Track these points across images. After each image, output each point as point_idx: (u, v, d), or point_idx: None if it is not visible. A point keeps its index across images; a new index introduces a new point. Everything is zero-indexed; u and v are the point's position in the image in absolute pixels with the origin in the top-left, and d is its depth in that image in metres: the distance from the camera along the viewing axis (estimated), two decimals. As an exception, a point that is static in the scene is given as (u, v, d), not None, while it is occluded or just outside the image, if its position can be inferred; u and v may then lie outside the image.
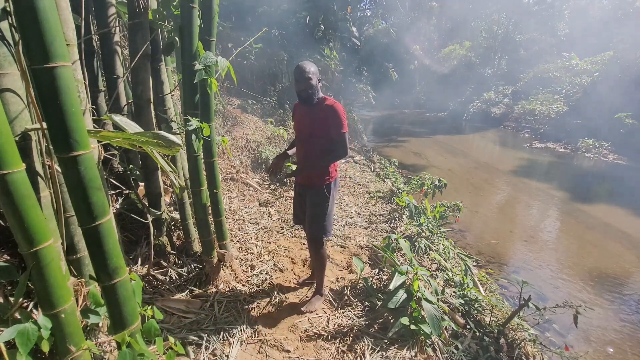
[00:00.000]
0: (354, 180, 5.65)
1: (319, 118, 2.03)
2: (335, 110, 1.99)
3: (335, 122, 1.99)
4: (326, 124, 2.01)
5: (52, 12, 0.88)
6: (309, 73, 1.97)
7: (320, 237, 2.17)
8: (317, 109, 2.05)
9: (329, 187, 2.14)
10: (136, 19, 1.95)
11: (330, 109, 2.00)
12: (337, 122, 1.99)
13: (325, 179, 2.13)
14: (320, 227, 2.15)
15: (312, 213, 2.16)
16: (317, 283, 2.36)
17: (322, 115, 2.02)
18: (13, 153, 0.91)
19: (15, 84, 1.16)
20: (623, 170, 9.25)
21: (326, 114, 2.01)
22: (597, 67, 14.02)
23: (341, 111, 2.01)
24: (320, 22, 8.62)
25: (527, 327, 2.54)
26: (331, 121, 2.00)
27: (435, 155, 10.26)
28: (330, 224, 2.20)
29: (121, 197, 2.33)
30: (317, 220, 2.15)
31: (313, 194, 2.15)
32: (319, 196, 2.14)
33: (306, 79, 1.97)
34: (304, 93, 2.00)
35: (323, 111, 2.02)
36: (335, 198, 2.28)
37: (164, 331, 1.93)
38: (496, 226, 5.32)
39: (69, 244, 1.44)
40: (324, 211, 2.14)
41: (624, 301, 3.58)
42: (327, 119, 2.01)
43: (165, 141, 1.26)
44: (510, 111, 16.27)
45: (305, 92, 2.00)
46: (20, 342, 1.00)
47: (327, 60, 8.79)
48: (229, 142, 5.09)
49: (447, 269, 3.05)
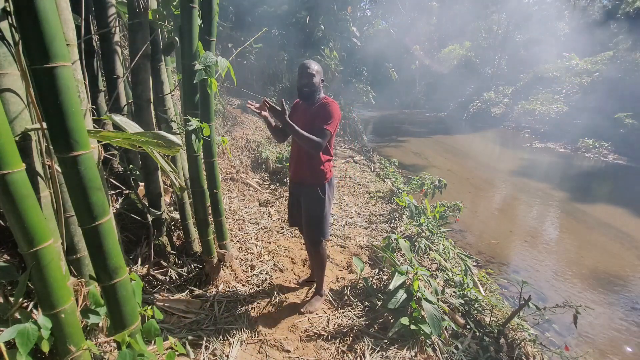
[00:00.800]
0: (354, 180, 5.65)
1: (316, 116, 2.01)
2: (327, 105, 1.97)
3: (324, 114, 1.95)
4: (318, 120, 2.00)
5: (52, 12, 0.88)
6: (313, 70, 1.98)
7: (319, 240, 2.15)
8: (315, 108, 2.04)
9: (323, 188, 2.08)
10: (136, 19, 1.95)
11: (325, 104, 1.99)
12: (325, 115, 1.94)
13: (320, 179, 2.07)
14: (318, 230, 2.12)
15: (309, 216, 2.12)
16: (317, 283, 2.36)
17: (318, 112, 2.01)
18: (13, 153, 0.91)
19: (15, 84, 1.16)
20: (623, 170, 9.25)
21: (319, 109, 1.99)
22: (597, 67, 14.03)
23: (334, 109, 1.96)
24: (320, 22, 8.62)
25: (527, 327, 2.54)
26: (321, 114, 1.96)
27: (435, 155, 10.26)
28: (328, 226, 2.17)
29: (121, 197, 2.33)
30: (314, 224, 2.11)
31: (307, 195, 2.10)
32: (314, 197, 2.08)
33: (309, 74, 1.98)
34: (305, 89, 2.01)
35: (320, 109, 2.01)
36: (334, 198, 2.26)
37: (164, 331, 1.93)
38: (496, 226, 5.32)
39: (69, 244, 1.44)
40: (320, 214, 2.09)
41: (624, 301, 3.58)
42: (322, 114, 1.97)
43: (165, 141, 1.25)
44: (510, 111, 16.28)
45: (307, 88, 2.00)
46: (20, 342, 1.00)
47: (327, 60, 8.79)
48: (229, 142, 5.09)
49: (447, 269, 3.05)
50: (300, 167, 2.10)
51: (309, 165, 2.06)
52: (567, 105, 13.67)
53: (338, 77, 10.20)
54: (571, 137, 11.82)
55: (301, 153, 2.07)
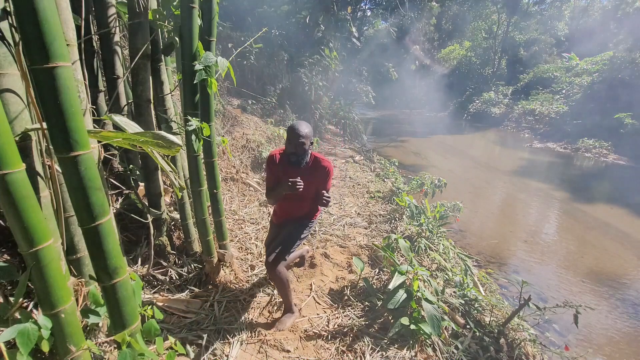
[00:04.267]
0: (354, 180, 5.65)
1: (315, 180, 2.02)
2: (326, 169, 2.03)
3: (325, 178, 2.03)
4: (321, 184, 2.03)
5: (52, 12, 0.88)
6: (303, 137, 1.89)
7: (282, 259, 2.04)
8: (311, 170, 2.04)
9: (312, 222, 2.23)
10: (136, 19, 1.94)
11: (323, 168, 2.03)
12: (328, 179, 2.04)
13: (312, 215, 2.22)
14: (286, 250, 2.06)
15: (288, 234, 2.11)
16: (284, 303, 2.18)
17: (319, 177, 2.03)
18: (13, 153, 0.91)
19: (15, 84, 1.16)
20: (623, 170, 9.25)
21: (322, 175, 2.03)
22: (597, 67, 14.04)
23: (331, 169, 2.06)
24: (320, 22, 8.61)
25: (527, 327, 2.54)
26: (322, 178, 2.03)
27: (435, 155, 10.26)
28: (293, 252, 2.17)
29: (121, 197, 2.33)
30: (287, 242, 2.08)
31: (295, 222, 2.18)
32: (301, 224, 2.18)
33: (299, 144, 1.90)
34: (293, 157, 1.95)
35: (319, 173, 2.03)
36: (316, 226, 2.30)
37: (164, 331, 1.93)
38: (496, 226, 5.33)
39: (69, 244, 1.44)
40: (296, 237, 2.11)
41: (624, 301, 3.58)
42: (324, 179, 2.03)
43: (165, 141, 1.25)
44: (510, 111, 16.29)
45: (296, 154, 1.95)
46: (20, 342, 1.00)
47: (327, 60, 8.79)
48: (229, 142, 5.09)
49: (447, 269, 3.05)
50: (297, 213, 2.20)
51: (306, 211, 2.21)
52: (567, 105, 13.68)
53: (338, 77, 10.20)
54: (571, 137, 11.83)
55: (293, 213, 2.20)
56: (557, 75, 16.02)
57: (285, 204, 2.20)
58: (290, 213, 2.22)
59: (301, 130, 1.89)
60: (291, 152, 1.94)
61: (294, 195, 2.06)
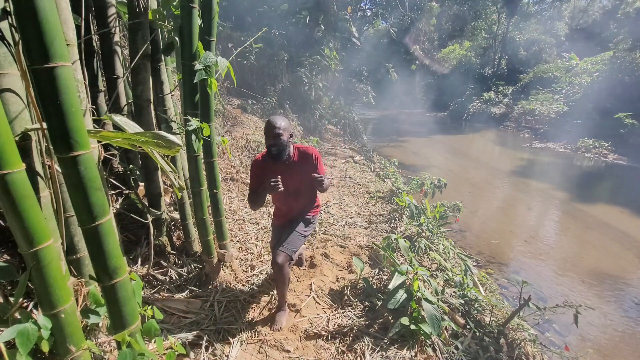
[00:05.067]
0: (354, 180, 5.65)
1: (306, 170, 2.03)
2: (312, 157, 2.06)
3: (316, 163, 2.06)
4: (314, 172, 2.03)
5: (52, 12, 0.88)
6: (279, 129, 1.90)
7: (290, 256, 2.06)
8: (299, 163, 2.06)
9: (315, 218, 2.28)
10: (136, 19, 1.94)
11: (308, 155, 2.06)
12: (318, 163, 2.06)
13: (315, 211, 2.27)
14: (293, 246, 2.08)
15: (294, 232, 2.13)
16: (279, 300, 2.19)
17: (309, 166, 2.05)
18: (13, 153, 0.91)
19: (15, 84, 1.16)
20: (623, 170, 9.25)
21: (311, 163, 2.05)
22: (597, 67, 14.05)
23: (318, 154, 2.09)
24: (320, 22, 8.62)
25: (527, 327, 2.54)
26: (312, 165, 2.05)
27: (435, 155, 10.26)
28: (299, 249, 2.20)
29: (121, 197, 2.33)
30: (294, 240, 2.10)
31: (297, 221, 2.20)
32: (306, 219, 2.22)
33: (276, 134, 1.90)
34: (274, 149, 1.95)
35: (308, 162, 2.05)
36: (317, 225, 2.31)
37: (164, 331, 1.93)
38: (496, 226, 5.32)
39: (69, 244, 1.44)
40: (304, 233, 2.17)
41: (624, 301, 3.58)
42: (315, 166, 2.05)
43: (165, 141, 1.25)
44: (510, 111, 16.30)
45: (275, 147, 1.94)
46: (20, 342, 1.00)
47: (327, 60, 8.79)
48: (229, 142, 5.09)
49: (447, 269, 3.05)
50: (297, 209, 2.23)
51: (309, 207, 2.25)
52: (567, 105, 13.68)
53: (338, 77, 10.21)
54: (571, 137, 11.83)
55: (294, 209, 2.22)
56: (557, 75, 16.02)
57: (284, 203, 2.21)
58: (290, 211, 2.23)
59: (277, 123, 1.91)
60: (270, 144, 1.95)
61: (292, 192, 2.10)
